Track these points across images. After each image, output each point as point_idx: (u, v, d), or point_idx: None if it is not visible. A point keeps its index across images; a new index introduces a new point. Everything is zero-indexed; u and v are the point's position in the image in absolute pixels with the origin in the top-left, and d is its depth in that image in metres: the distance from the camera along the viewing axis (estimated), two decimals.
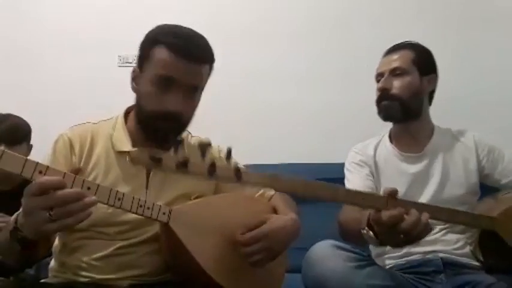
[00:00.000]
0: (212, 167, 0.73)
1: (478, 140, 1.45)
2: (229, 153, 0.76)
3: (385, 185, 1.41)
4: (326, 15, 2.45)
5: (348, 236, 1.30)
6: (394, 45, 1.49)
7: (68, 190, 0.80)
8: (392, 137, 1.52)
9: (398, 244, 1.01)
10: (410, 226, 0.92)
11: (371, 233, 1.01)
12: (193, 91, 1.09)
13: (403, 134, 1.48)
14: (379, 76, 1.46)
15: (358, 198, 0.96)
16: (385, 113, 1.45)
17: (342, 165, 1.56)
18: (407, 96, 1.40)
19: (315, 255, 1.12)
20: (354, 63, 2.30)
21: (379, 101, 1.45)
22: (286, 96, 2.38)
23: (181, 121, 1.10)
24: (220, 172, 0.74)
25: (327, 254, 1.10)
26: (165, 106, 1.05)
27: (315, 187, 0.92)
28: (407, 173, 1.43)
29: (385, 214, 0.93)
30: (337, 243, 1.14)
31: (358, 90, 2.28)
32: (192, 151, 1.22)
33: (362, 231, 1.05)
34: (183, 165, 0.71)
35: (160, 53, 1.05)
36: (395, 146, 1.49)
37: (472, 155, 1.43)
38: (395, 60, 1.43)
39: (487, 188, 1.45)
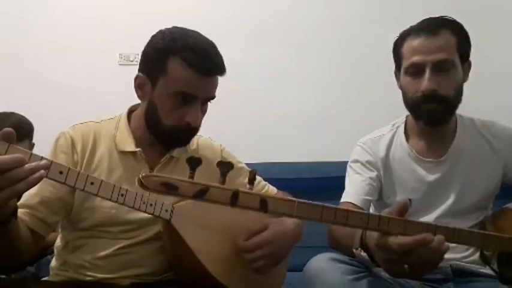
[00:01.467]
0: (235, 196, 0.69)
1: (506, 134, 1.26)
2: (253, 178, 0.72)
3: (400, 191, 1.28)
4: (331, 18, 2.45)
5: (339, 249, 1.18)
6: (429, 22, 1.21)
7: (4, 156, 0.78)
8: (409, 134, 1.30)
9: (398, 274, 0.87)
10: (424, 259, 0.79)
11: (364, 254, 0.93)
12: (208, 102, 1.13)
13: (428, 135, 1.27)
14: (415, 67, 1.18)
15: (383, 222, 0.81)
16: (430, 119, 1.21)
17: (343, 163, 1.43)
18: (454, 95, 1.17)
19: (312, 269, 1.08)
20: (356, 64, 2.30)
21: (420, 102, 1.18)
22: (288, 96, 2.38)
23: (196, 132, 1.13)
24: (244, 201, 0.69)
25: (324, 267, 1.06)
26: (185, 121, 1.07)
27: (345, 214, 0.80)
28: (425, 181, 1.26)
29: (394, 241, 0.79)
30: (334, 255, 1.08)
31: (359, 90, 2.29)
32: (195, 152, 1.23)
33: (354, 250, 0.99)
34: (201, 194, 0.68)
35: (178, 69, 1.03)
36: (412, 147, 1.28)
37: (498, 154, 1.25)
38: (441, 50, 1.15)
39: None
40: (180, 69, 1.03)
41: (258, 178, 1.35)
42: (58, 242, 1.15)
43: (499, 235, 1.05)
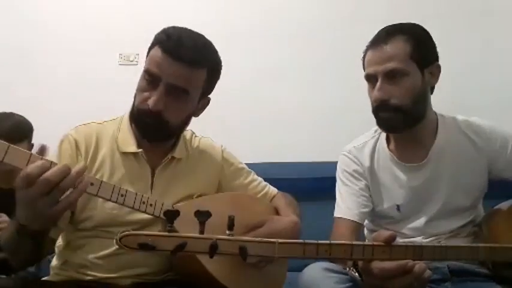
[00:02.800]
0: (213, 248, 0.70)
1: (489, 132, 1.24)
2: (231, 224, 0.73)
3: (387, 198, 1.28)
4: (331, 17, 2.44)
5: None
6: (383, 32, 1.20)
7: (52, 169, 0.80)
8: (390, 140, 1.31)
9: None
10: (406, 286, 0.81)
11: (356, 274, 0.94)
12: (179, 93, 1.06)
13: (405, 141, 1.27)
14: (370, 77, 1.21)
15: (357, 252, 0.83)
16: (386, 127, 1.24)
17: None
18: (409, 102, 1.17)
19: (306, 278, 1.09)
20: (356, 63, 2.29)
21: (376, 111, 1.21)
22: (288, 96, 2.38)
23: (162, 121, 1.07)
24: (224, 249, 0.71)
25: (318, 277, 1.07)
26: (146, 103, 1.05)
27: (327, 248, 0.82)
28: (409, 186, 1.26)
29: (377, 266, 0.81)
30: (327, 265, 1.09)
31: (360, 90, 2.26)
32: (196, 153, 1.24)
33: (347, 269, 1.01)
34: (180, 248, 0.69)
35: (153, 52, 1.07)
36: (394, 153, 1.28)
37: (482, 153, 1.24)
38: (389, 59, 1.15)
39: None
40: (154, 52, 1.07)
41: (259, 179, 1.35)
42: (59, 242, 1.15)
43: (490, 245, 1.05)
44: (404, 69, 1.16)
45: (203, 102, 1.18)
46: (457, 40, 2.25)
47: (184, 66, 1.04)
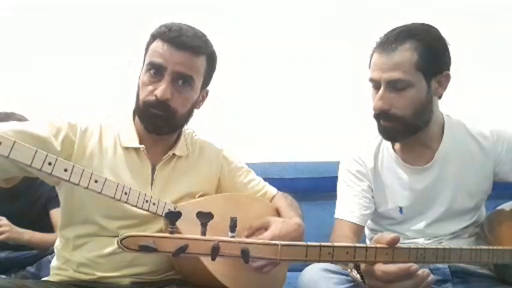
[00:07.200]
0: (215, 250, 0.70)
1: (497, 135, 1.23)
2: (233, 225, 0.73)
3: (390, 199, 1.27)
4: (340, 14, 2.45)
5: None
6: (392, 35, 1.14)
7: None
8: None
9: None
10: None
11: (358, 275, 0.94)
12: (184, 80, 1.09)
13: (410, 143, 1.24)
14: (373, 82, 1.17)
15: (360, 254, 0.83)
16: (386, 135, 1.21)
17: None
18: (411, 113, 1.14)
19: (306, 279, 1.09)
20: (357, 63, 2.29)
21: (377, 118, 1.19)
22: (288, 95, 2.38)
23: (170, 110, 1.09)
24: (226, 251, 0.71)
25: (317, 278, 1.06)
26: (153, 94, 1.07)
27: (330, 251, 0.81)
28: (414, 188, 1.24)
29: (379, 268, 0.82)
30: (327, 266, 1.08)
31: (360, 90, 2.27)
32: (196, 151, 1.24)
33: (348, 270, 1.01)
34: (181, 251, 0.69)
35: (155, 44, 1.09)
36: (399, 155, 1.26)
37: (489, 155, 1.22)
38: (394, 68, 1.11)
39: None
40: (155, 44, 1.09)
41: (258, 178, 1.35)
42: (57, 242, 1.15)
43: (493, 248, 1.04)
44: (409, 80, 1.12)
45: (203, 93, 1.20)
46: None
47: (187, 54, 1.08)
